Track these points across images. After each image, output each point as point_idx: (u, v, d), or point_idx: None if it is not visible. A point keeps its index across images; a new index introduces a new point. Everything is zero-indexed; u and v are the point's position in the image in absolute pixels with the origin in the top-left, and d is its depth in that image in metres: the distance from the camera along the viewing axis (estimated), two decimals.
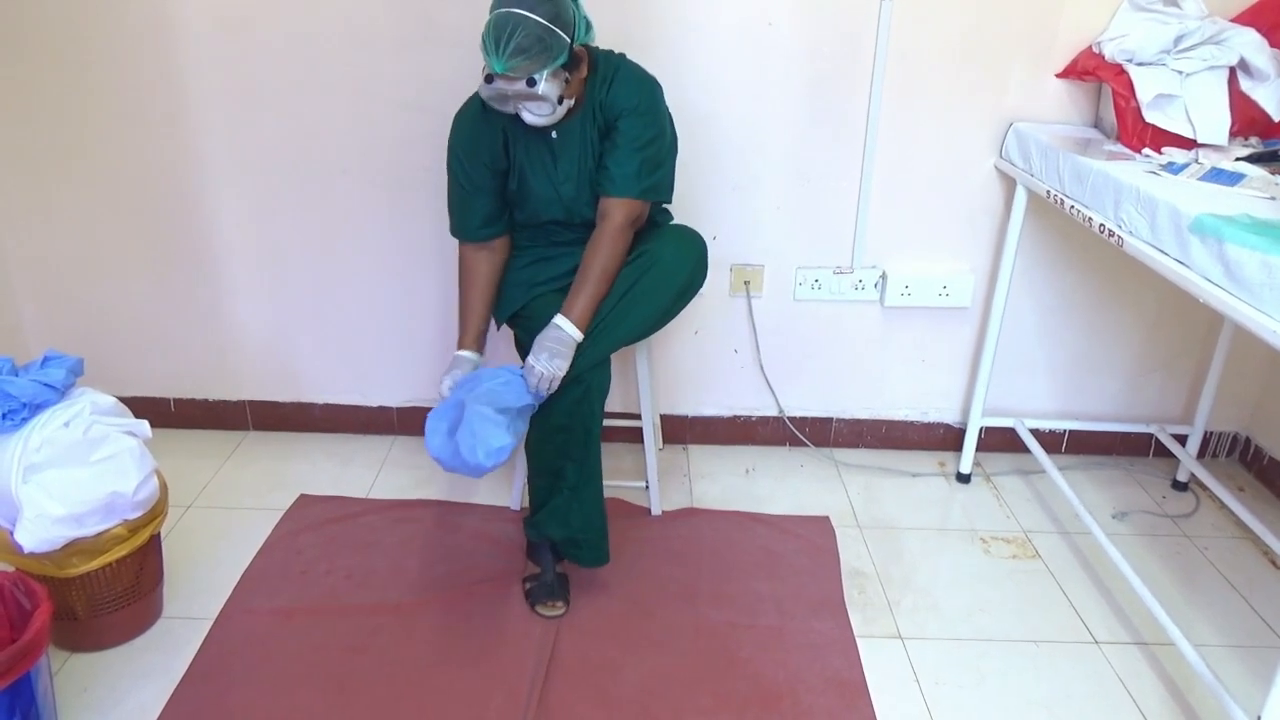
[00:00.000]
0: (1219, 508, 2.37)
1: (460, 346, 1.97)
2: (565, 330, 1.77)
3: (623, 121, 1.84)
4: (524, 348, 1.88)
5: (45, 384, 1.67)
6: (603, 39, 1.90)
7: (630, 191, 1.84)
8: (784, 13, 2.15)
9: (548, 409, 1.82)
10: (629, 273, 1.86)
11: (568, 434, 1.83)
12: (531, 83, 1.68)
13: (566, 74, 1.75)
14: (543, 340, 1.77)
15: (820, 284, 2.42)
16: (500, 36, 1.65)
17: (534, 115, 1.77)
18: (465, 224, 1.97)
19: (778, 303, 2.45)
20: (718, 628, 1.91)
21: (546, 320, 1.81)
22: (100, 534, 1.70)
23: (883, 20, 2.14)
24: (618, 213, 1.84)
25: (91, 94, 2.23)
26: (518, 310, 1.97)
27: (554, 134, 1.88)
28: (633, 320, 1.86)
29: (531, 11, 1.66)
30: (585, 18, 1.79)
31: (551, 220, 1.95)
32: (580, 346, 1.80)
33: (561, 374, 1.75)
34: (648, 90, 1.87)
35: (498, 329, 2.05)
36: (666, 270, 1.88)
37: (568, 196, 1.91)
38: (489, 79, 1.70)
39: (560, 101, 1.75)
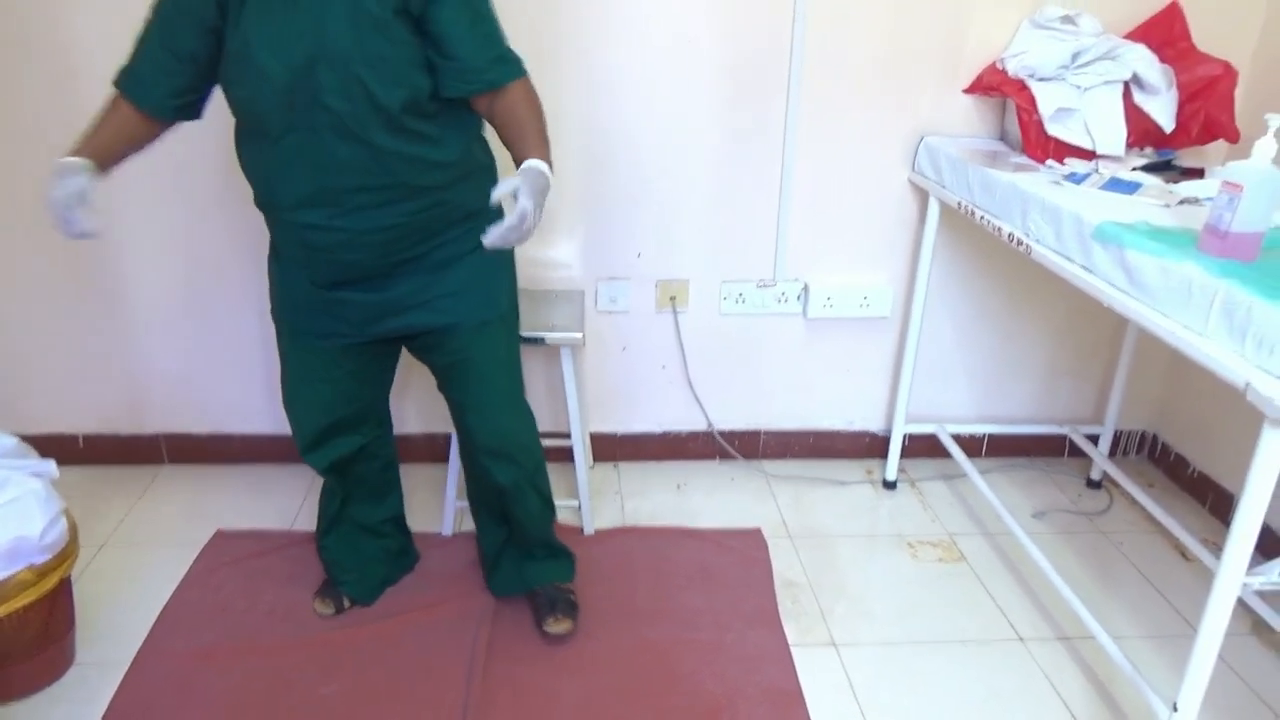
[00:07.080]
0: (1131, 504, 2.46)
1: (74, 153, 1.51)
2: (546, 173, 1.53)
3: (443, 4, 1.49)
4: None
5: None
6: (522, 54, 1.89)
7: (508, 76, 1.58)
8: (704, 31, 2.18)
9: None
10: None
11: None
12: None
13: None
14: (531, 185, 1.49)
15: (744, 298, 2.44)
16: None
17: None
18: (145, 81, 1.55)
19: (704, 317, 2.47)
20: (655, 644, 1.90)
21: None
22: (5, 580, 1.61)
23: (796, 39, 2.19)
24: (513, 91, 1.59)
25: None
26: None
27: None
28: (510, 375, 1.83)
29: None
30: None
31: (271, 112, 1.50)
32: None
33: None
34: None
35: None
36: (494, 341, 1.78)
37: (298, 55, 1.44)
38: None
39: None
